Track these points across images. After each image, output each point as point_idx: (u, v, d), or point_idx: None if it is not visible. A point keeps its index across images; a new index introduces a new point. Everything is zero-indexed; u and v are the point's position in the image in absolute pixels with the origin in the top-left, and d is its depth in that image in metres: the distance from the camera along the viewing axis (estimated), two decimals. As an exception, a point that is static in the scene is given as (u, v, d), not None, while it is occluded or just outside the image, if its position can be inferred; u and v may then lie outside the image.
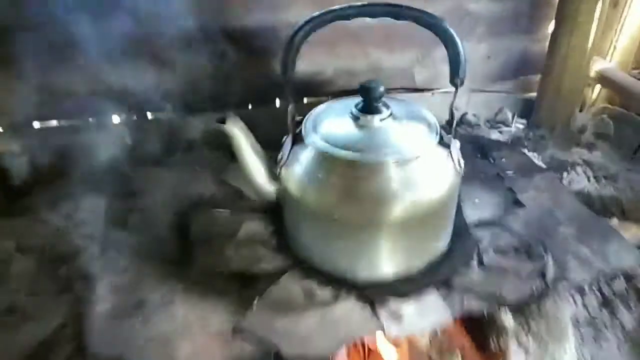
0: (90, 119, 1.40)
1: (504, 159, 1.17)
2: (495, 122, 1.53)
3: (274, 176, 0.91)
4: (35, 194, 1.29)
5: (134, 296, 0.85)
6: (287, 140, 0.91)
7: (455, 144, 0.89)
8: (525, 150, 1.37)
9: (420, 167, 0.83)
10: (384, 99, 0.88)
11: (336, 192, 0.83)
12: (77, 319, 0.95)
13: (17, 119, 1.34)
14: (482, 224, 1.00)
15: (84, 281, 1.07)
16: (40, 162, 1.33)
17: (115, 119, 1.41)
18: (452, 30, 0.80)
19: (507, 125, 1.52)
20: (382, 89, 0.85)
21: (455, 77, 0.82)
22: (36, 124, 1.38)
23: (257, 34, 1.35)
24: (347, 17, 0.85)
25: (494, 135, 1.46)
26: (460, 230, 0.97)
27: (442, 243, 0.92)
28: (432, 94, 1.52)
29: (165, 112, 1.43)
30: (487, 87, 1.55)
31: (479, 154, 1.20)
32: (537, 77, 1.55)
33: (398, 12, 0.83)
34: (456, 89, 0.84)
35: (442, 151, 0.86)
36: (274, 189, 0.91)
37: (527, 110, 1.56)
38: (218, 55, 1.34)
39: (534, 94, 1.57)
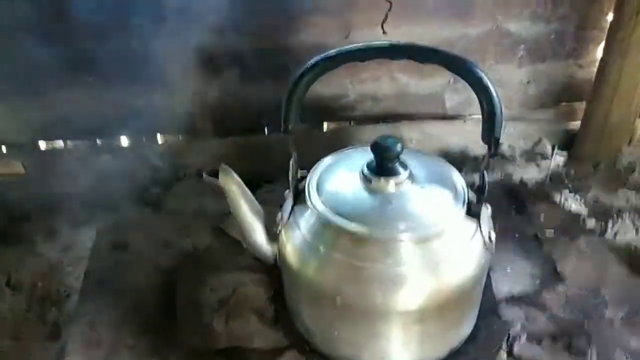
0: (98, 141, 1.27)
1: (543, 215, 0.97)
2: (532, 155, 1.32)
3: (274, 236, 0.74)
4: (34, 220, 1.17)
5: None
6: (288, 198, 0.74)
7: (486, 213, 0.70)
8: (567, 191, 1.16)
9: (442, 246, 0.65)
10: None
11: (339, 270, 0.66)
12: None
13: (21, 139, 1.22)
14: (514, 300, 0.81)
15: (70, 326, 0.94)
16: (42, 185, 1.21)
17: (124, 140, 1.28)
18: (487, 80, 0.61)
19: (546, 158, 1.31)
20: (399, 147, 0.67)
21: (490, 136, 0.64)
22: (42, 145, 1.26)
23: (273, 56, 1.19)
24: (362, 59, 0.67)
25: (531, 170, 1.26)
26: (488, 309, 0.78)
27: (465, 329, 0.74)
28: (465, 121, 1.32)
29: (177, 135, 1.30)
30: (525, 115, 1.34)
31: (514, 206, 1.01)
32: (582, 105, 1.33)
33: (422, 55, 0.65)
34: (490, 149, 0.65)
35: (470, 224, 0.68)
36: (272, 251, 0.75)
37: (568, 141, 1.34)
38: (233, 78, 1.19)
39: (576, 124, 1.35)
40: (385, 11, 1.12)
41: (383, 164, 0.68)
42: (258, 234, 0.74)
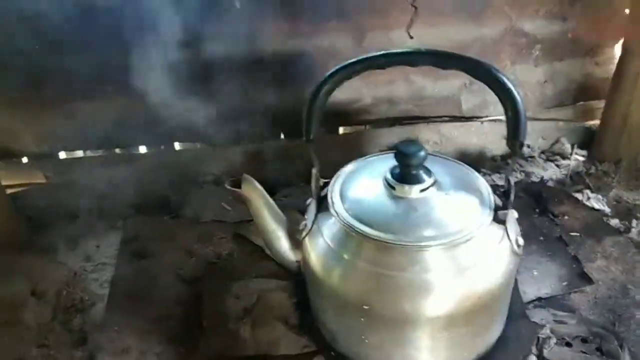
0: (117, 150, 1.27)
1: (567, 217, 0.95)
2: (551, 154, 1.30)
3: (297, 244, 0.74)
4: (56, 229, 1.17)
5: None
6: (311, 205, 0.73)
7: (513, 218, 0.69)
8: (588, 192, 1.14)
9: (469, 252, 0.64)
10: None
11: (365, 279, 0.65)
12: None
13: (42, 149, 1.23)
14: (541, 303, 0.80)
15: (97, 335, 0.93)
16: (63, 194, 1.21)
17: (142, 149, 1.28)
18: (511, 85, 0.60)
19: (565, 158, 1.29)
20: (423, 153, 0.66)
21: (514, 140, 0.62)
22: (62, 155, 1.26)
23: (290, 62, 1.18)
24: (382, 67, 0.66)
25: (551, 170, 1.24)
26: (516, 313, 0.77)
27: (493, 334, 0.73)
28: (482, 122, 1.31)
29: (194, 143, 1.30)
30: (543, 114, 1.32)
31: (537, 209, 0.99)
32: (600, 103, 1.31)
33: (444, 61, 0.64)
34: (514, 154, 0.64)
35: (497, 230, 0.66)
36: (296, 259, 0.74)
37: (587, 140, 1.32)
38: (249, 84, 1.19)
39: (595, 122, 1.33)
40: (410, 15, 1.11)
41: (407, 171, 0.67)
42: (282, 243, 0.73)
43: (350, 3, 1.13)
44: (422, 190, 0.67)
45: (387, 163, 0.71)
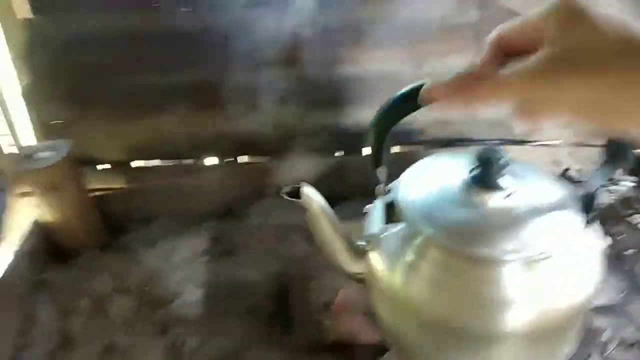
0: (189, 160, 1.27)
1: (624, 235, 0.90)
2: (601, 179, 1.23)
3: (359, 255, 0.64)
4: (133, 232, 1.17)
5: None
6: (377, 214, 0.65)
7: (598, 233, 0.63)
8: (638, 216, 1.08)
9: (554, 267, 0.56)
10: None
11: (438, 292, 0.58)
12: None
13: (121, 158, 1.24)
14: (601, 310, 0.74)
15: (180, 326, 0.90)
16: (139, 200, 1.22)
17: (210, 161, 1.27)
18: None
19: (615, 183, 1.23)
20: (506, 158, 0.59)
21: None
22: (139, 163, 1.27)
23: (350, 83, 1.16)
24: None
25: (601, 194, 1.17)
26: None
27: (571, 347, 0.66)
28: (532, 146, 1.26)
29: (259, 156, 1.29)
30: (593, 139, 1.26)
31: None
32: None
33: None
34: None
35: (583, 244, 0.60)
36: (358, 270, 0.65)
37: (638, 166, 1.26)
38: (310, 104, 1.18)
39: (645, 148, 1.26)
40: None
41: (488, 177, 0.59)
42: (340, 255, 0.65)
43: (410, 30, 1.11)
44: (503, 198, 0.59)
45: (463, 164, 0.63)
